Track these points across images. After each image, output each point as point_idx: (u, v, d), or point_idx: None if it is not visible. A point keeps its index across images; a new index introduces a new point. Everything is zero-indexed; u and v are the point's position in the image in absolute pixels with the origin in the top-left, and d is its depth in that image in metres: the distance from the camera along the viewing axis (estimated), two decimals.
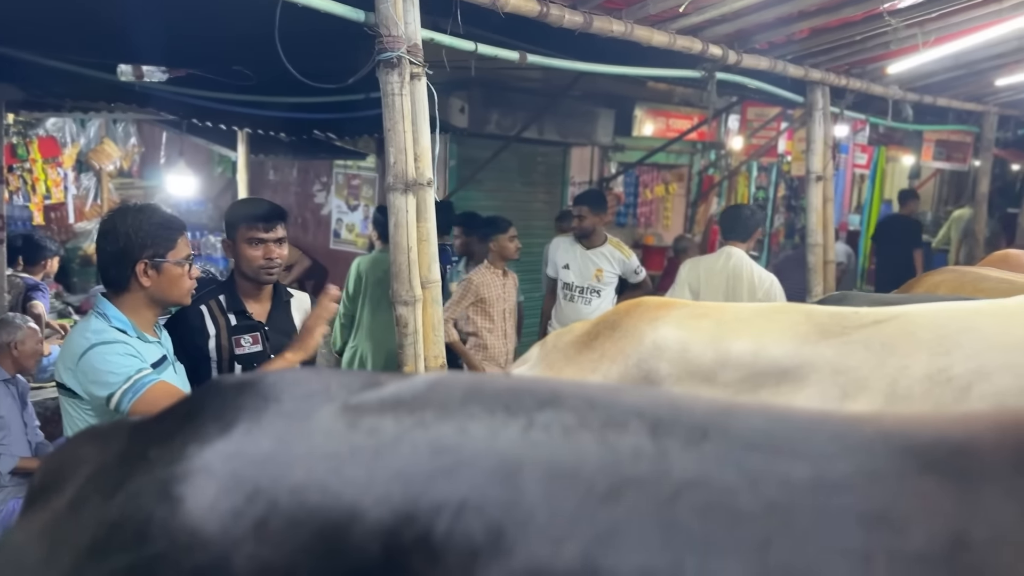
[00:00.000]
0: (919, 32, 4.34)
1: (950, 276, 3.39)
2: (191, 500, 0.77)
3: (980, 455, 0.65)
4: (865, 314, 1.91)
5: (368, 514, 0.71)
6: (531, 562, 0.64)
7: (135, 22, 3.52)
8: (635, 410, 0.77)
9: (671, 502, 0.65)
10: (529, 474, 0.70)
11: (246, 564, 0.72)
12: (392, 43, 2.55)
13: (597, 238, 5.04)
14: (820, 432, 0.72)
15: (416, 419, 0.79)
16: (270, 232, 2.75)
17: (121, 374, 2.23)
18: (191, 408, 0.95)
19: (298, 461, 0.78)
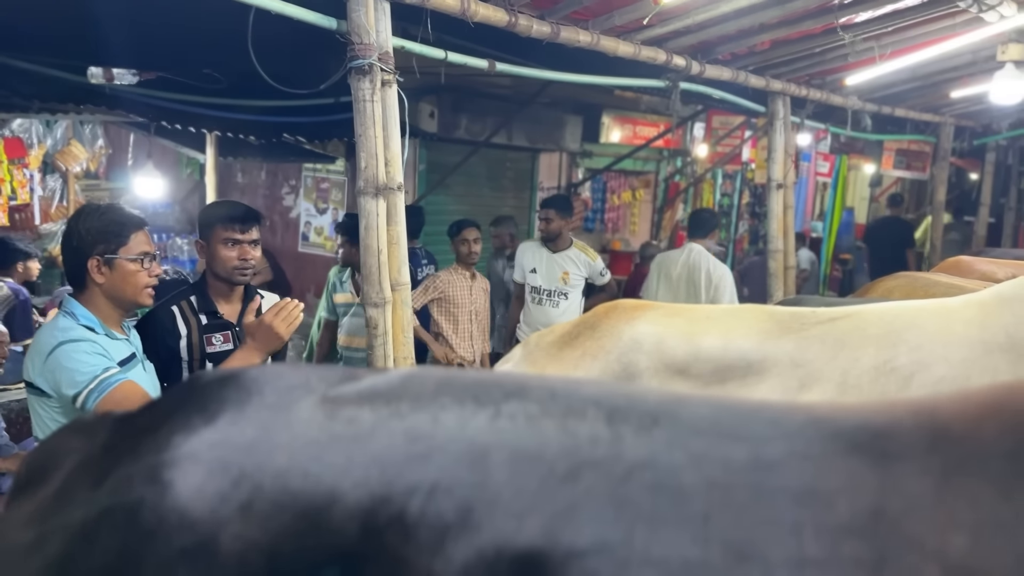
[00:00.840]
0: (875, 45, 4.49)
1: (903, 281, 3.52)
2: (180, 484, 0.82)
3: (898, 438, 0.73)
4: (821, 313, 2.11)
5: (347, 496, 0.77)
6: (497, 536, 0.70)
7: (105, 25, 3.53)
8: (593, 400, 0.84)
9: (624, 481, 0.72)
10: (496, 458, 0.76)
11: (232, 543, 0.77)
12: (364, 51, 2.61)
13: (563, 242, 5.13)
14: (758, 419, 0.80)
15: (392, 409, 0.85)
16: (246, 233, 2.77)
17: (88, 373, 2.24)
18: (175, 401, 1.00)
19: (281, 448, 0.83)
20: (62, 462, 1.06)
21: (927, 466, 0.69)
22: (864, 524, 0.65)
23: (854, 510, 0.66)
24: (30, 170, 6.14)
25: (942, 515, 0.65)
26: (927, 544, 0.63)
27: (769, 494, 0.69)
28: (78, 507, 0.93)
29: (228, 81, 4.27)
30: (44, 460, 1.11)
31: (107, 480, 0.93)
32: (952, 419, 0.72)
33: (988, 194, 9.43)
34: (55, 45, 3.89)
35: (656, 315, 2.22)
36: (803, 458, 0.72)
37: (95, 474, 0.97)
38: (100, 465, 0.98)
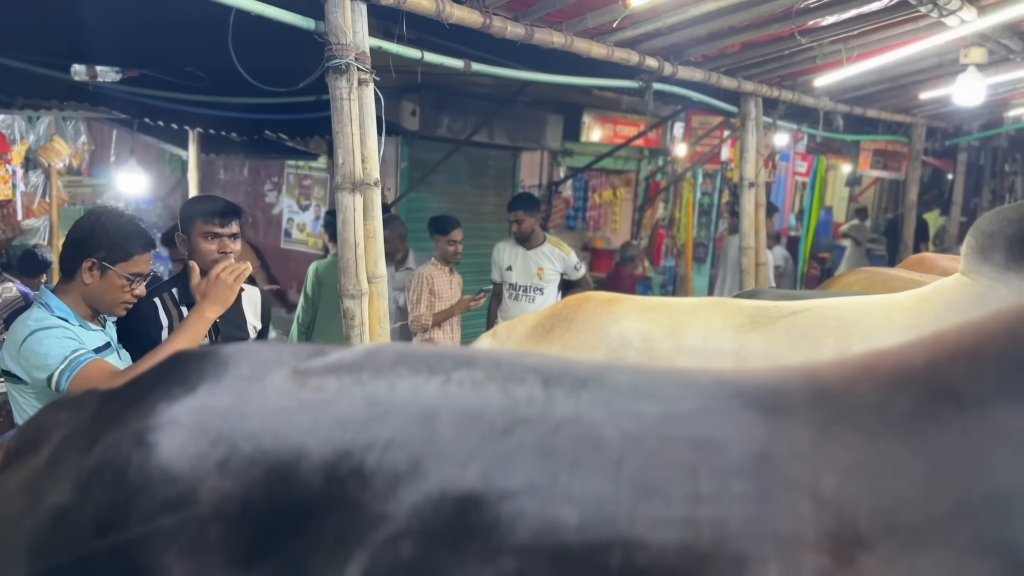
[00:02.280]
0: (843, 48, 4.63)
1: (864, 276, 3.65)
2: (163, 445, 0.92)
3: (787, 395, 0.84)
4: (783, 306, 2.30)
5: (312, 453, 0.87)
6: (442, 482, 0.81)
7: (89, 22, 3.60)
8: (532, 368, 0.94)
9: (552, 434, 0.83)
10: (443, 417, 0.87)
11: (210, 495, 0.87)
12: (341, 51, 2.70)
13: (536, 239, 5.24)
14: (671, 382, 0.91)
15: (354, 378, 0.95)
16: (225, 227, 2.85)
17: (58, 355, 2.31)
18: (158, 375, 1.09)
19: (254, 413, 0.93)
20: (51, 434, 1.15)
21: (808, 418, 0.80)
22: (751, 466, 0.76)
23: (743, 455, 0.77)
24: (12, 166, 6.18)
25: (818, 458, 0.75)
26: (804, 482, 0.74)
27: (673, 442, 0.80)
28: (69, 471, 1.02)
29: (210, 79, 4.34)
30: (33, 433, 1.20)
31: (95, 447, 1.01)
32: (832, 379, 0.84)
33: (960, 193, 9.63)
34: (39, 43, 3.95)
35: (636, 309, 2.34)
36: (705, 412, 0.83)
37: (84, 443, 1.05)
38: (88, 434, 1.06)
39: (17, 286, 5.42)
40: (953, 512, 0.68)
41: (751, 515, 0.72)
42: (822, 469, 0.75)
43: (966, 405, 0.74)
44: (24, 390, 2.41)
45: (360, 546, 0.79)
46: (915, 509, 0.69)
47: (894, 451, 0.74)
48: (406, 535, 0.78)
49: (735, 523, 0.72)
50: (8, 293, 5.40)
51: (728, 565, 0.69)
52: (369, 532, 0.80)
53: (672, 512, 0.73)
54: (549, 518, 0.75)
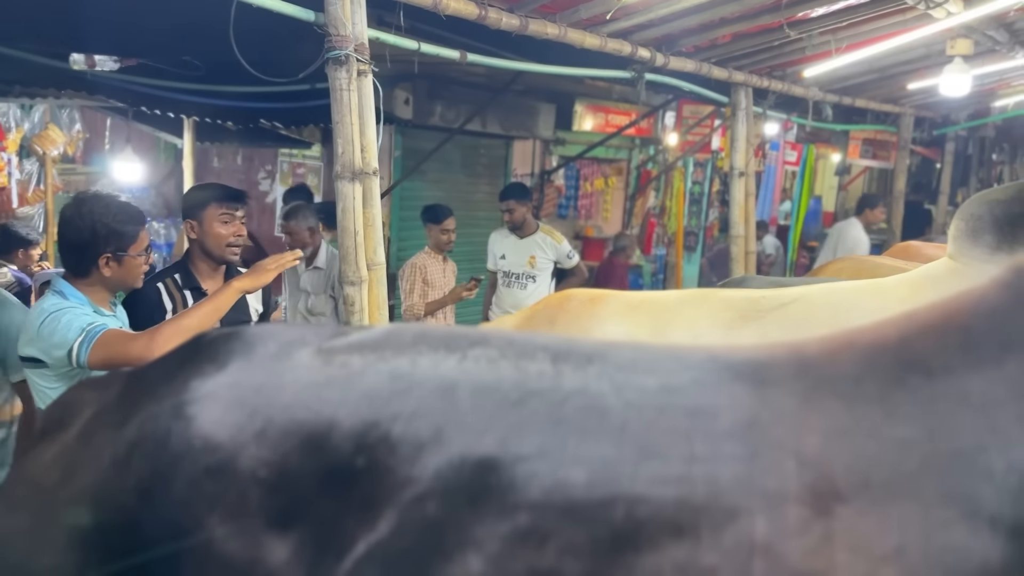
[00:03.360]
0: (832, 39, 4.70)
1: (851, 264, 3.74)
2: (202, 417, 0.99)
3: (774, 368, 0.92)
4: (772, 298, 2.26)
5: (343, 424, 0.94)
6: (462, 448, 0.89)
7: (87, 11, 3.64)
8: (542, 346, 1.02)
9: (561, 405, 0.91)
10: (462, 390, 0.95)
11: (249, 462, 0.95)
12: (340, 42, 2.75)
13: (529, 227, 5.31)
14: (668, 358, 0.99)
15: (377, 355, 1.03)
16: (239, 211, 2.96)
17: (76, 328, 2.37)
18: (184, 355, 1.16)
19: (287, 387, 1.01)
20: (80, 412, 1.23)
21: (793, 388, 0.88)
22: (741, 430, 0.84)
23: (734, 420, 0.85)
24: (7, 154, 6.20)
25: (801, 423, 0.84)
26: (788, 444, 0.82)
27: (671, 410, 0.88)
28: (104, 445, 1.10)
29: (206, 68, 4.38)
30: (61, 412, 1.29)
31: (129, 421, 1.09)
32: (815, 354, 0.92)
33: (947, 183, 9.73)
34: (38, 32, 3.98)
35: (620, 308, 2.31)
36: (699, 384, 0.91)
37: (116, 418, 1.14)
38: (119, 411, 1.15)
39: (12, 271, 5.44)
40: (921, 468, 0.76)
41: (741, 473, 0.80)
42: (804, 432, 0.82)
43: (934, 375, 0.82)
44: (45, 373, 2.47)
45: (389, 506, 0.87)
46: (887, 466, 0.77)
47: (869, 416, 0.82)
48: (430, 495, 0.86)
49: (727, 480, 0.80)
50: (3, 279, 5.43)
51: (721, 516, 0.77)
52: (396, 494, 0.87)
53: (670, 471, 0.81)
54: (560, 478, 0.83)
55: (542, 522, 0.81)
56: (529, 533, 0.81)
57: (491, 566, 0.81)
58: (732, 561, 0.76)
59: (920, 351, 0.86)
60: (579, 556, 0.79)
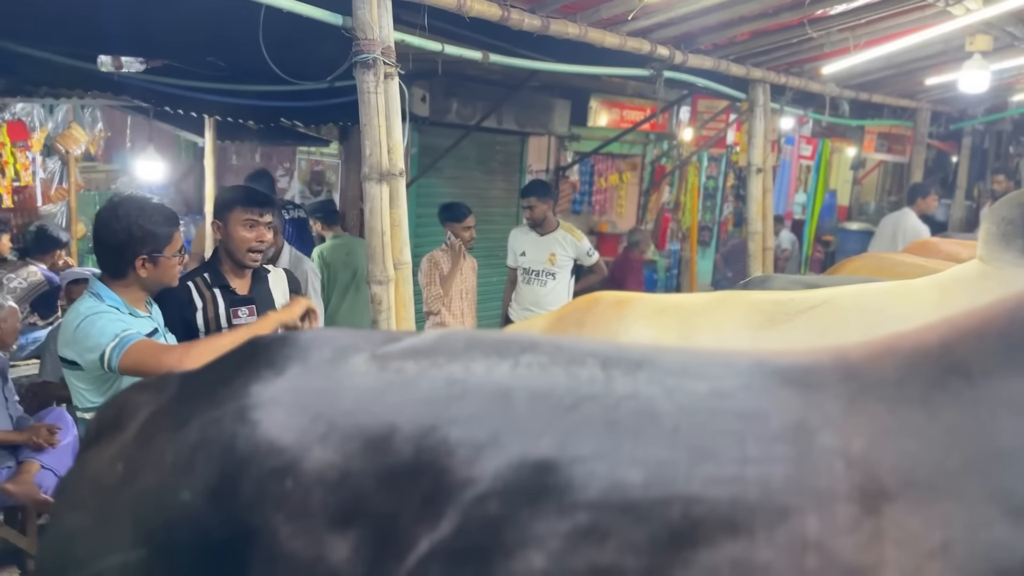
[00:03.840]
0: (850, 36, 4.71)
1: (870, 261, 3.75)
2: (267, 421, 1.04)
3: (819, 374, 0.96)
4: (800, 300, 2.27)
5: (403, 427, 0.98)
6: (521, 450, 0.93)
7: (115, 15, 3.70)
8: (591, 352, 1.06)
9: (615, 408, 0.95)
10: (517, 395, 0.99)
11: (313, 464, 0.99)
12: (368, 46, 2.80)
13: (549, 225, 5.34)
14: (716, 362, 1.03)
15: (431, 361, 1.07)
16: (263, 216, 2.98)
17: (109, 333, 2.42)
18: (238, 359, 1.20)
19: (346, 393, 1.05)
20: (135, 413, 1.27)
21: (838, 392, 0.91)
22: (790, 433, 0.88)
23: (783, 423, 0.89)
24: (32, 153, 6.29)
25: (848, 426, 0.87)
26: (836, 446, 0.86)
27: (722, 414, 0.91)
28: (164, 446, 1.14)
29: (230, 68, 4.44)
30: (114, 413, 1.33)
31: (189, 423, 1.13)
32: (858, 359, 0.95)
33: (964, 177, 9.70)
34: (68, 35, 4.05)
35: (646, 312, 2.32)
36: (748, 388, 0.95)
37: (173, 421, 1.18)
38: (176, 412, 1.19)
39: (42, 271, 5.55)
40: (963, 467, 0.80)
41: (792, 473, 0.84)
42: (851, 434, 0.86)
43: (974, 378, 0.86)
44: (80, 375, 2.53)
45: (450, 505, 0.91)
46: (931, 466, 0.81)
47: (913, 418, 0.85)
48: (491, 495, 0.90)
49: (778, 480, 0.83)
50: (33, 277, 5.53)
51: (774, 515, 0.81)
52: (458, 494, 0.91)
53: (724, 471, 0.85)
54: (617, 478, 0.87)
55: (602, 520, 0.85)
56: (590, 531, 0.85)
57: (553, 562, 0.85)
58: (785, 557, 0.79)
59: (960, 355, 0.89)
60: (639, 553, 0.83)
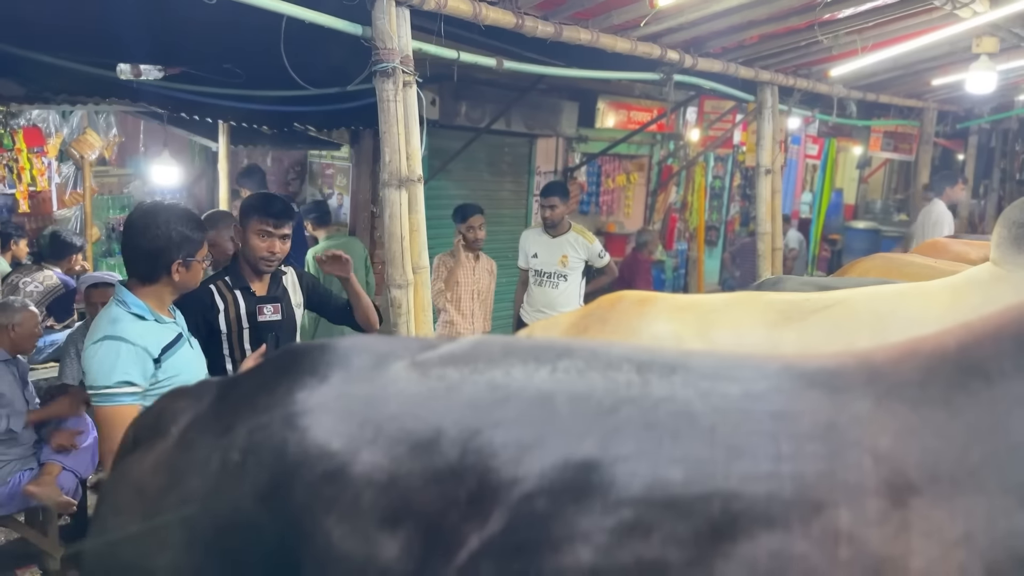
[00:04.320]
0: (858, 39, 4.76)
1: (880, 263, 3.80)
2: (316, 427, 1.08)
3: (846, 376, 1.01)
4: (815, 300, 2.33)
5: (449, 430, 1.02)
6: (565, 450, 0.97)
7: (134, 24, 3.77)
8: (625, 356, 1.10)
9: (653, 410, 0.99)
10: (558, 398, 1.03)
11: (362, 468, 1.03)
12: (388, 55, 2.86)
13: (562, 227, 5.39)
14: (747, 366, 1.07)
15: (471, 368, 1.11)
16: (278, 228, 3.03)
17: (108, 378, 2.46)
18: (279, 366, 1.23)
19: (391, 399, 1.09)
20: (174, 419, 1.30)
21: (864, 393, 0.97)
22: (821, 432, 0.93)
23: (814, 423, 0.94)
24: (48, 158, 6.37)
25: (874, 424, 0.92)
26: (864, 443, 0.91)
27: (756, 415, 0.96)
28: (209, 452, 1.17)
29: (247, 75, 4.51)
30: (155, 419, 1.36)
31: (234, 429, 1.16)
32: (882, 362, 1.01)
33: (971, 176, 9.73)
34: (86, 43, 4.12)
35: (667, 309, 2.39)
36: (779, 391, 0.99)
37: (216, 426, 1.21)
38: (218, 419, 1.22)
39: (57, 274, 5.63)
40: (982, 462, 0.86)
41: (824, 470, 0.89)
42: (878, 433, 0.92)
43: (991, 378, 0.92)
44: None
45: (498, 504, 0.95)
46: (952, 461, 0.87)
47: (934, 417, 0.91)
48: (538, 494, 0.94)
49: (811, 476, 0.89)
50: (49, 281, 5.61)
51: (808, 509, 0.87)
52: (505, 493, 0.96)
53: (760, 468, 0.90)
54: (659, 476, 0.92)
55: (646, 516, 0.90)
56: (634, 526, 0.90)
57: (601, 556, 0.90)
58: (820, 548, 0.84)
59: (978, 358, 0.95)
60: (682, 546, 0.88)
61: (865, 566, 0.84)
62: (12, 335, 4.31)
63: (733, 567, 0.86)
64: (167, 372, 2.54)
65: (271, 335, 3.02)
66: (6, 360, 4.29)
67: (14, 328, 4.31)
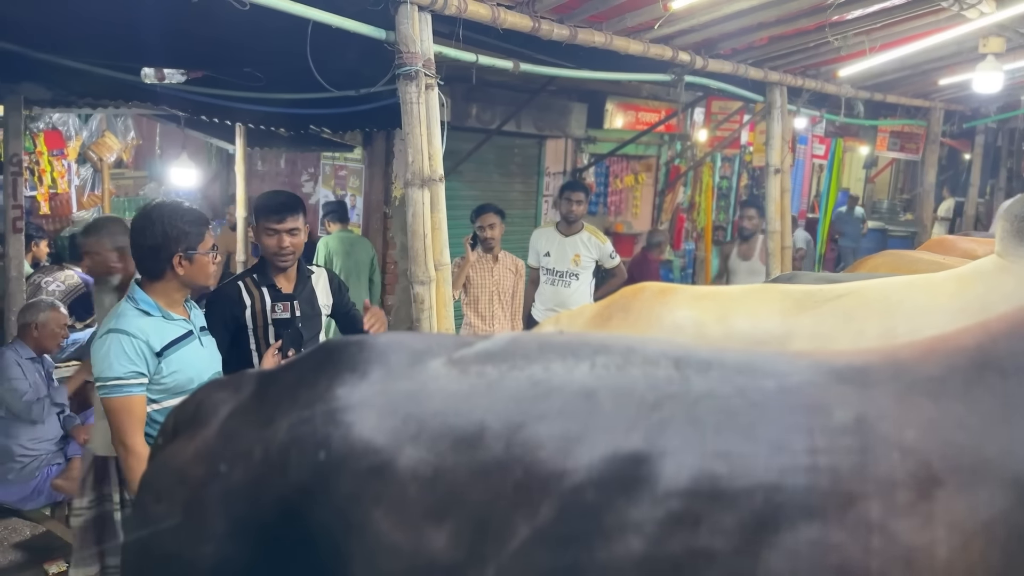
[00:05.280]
0: (866, 39, 4.83)
1: (889, 259, 3.88)
2: (360, 423, 1.11)
3: (872, 372, 1.07)
4: (828, 290, 2.43)
5: (492, 425, 1.06)
6: (612, 444, 1.01)
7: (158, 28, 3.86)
8: (662, 352, 1.15)
9: (694, 406, 1.04)
10: (601, 394, 1.07)
11: (407, 462, 1.07)
12: (411, 59, 2.95)
13: (576, 225, 5.44)
14: (780, 362, 1.13)
15: (509, 364, 1.14)
16: (282, 224, 3.09)
17: (114, 370, 2.53)
18: (317, 362, 1.27)
19: (434, 395, 1.12)
20: (214, 410, 1.33)
21: (891, 389, 1.03)
22: (852, 426, 0.98)
23: (845, 417, 0.99)
24: (68, 161, 6.48)
25: (900, 418, 0.99)
26: (891, 437, 0.97)
27: (791, 409, 1.02)
28: (250, 443, 1.21)
29: (266, 78, 4.60)
30: (194, 409, 1.39)
31: (275, 422, 1.19)
32: (906, 358, 1.08)
33: (977, 175, 9.78)
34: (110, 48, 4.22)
35: (687, 298, 2.50)
36: (812, 385, 1.05)
37: (256, 418, 1.25)
38: (259, 411, 1.26)
39: (78, 274, 5.73)
40: (1000, 453, 0.93)
41: (857, 463, 0.95)
42: (904, 426, 0.98)
43: (1007, 374, 0.99)
44: None
45: (547, 494, 0.99)
46: (972, 453, 0.94)
47: (955, 410, 0.98)
48: (588, 485, 0.99)
49: (845, 469, 0.95)
50: (71, 280, 5.72)
51: (843, 500, 0.92)
52: (554, 484, 1.00)
53: (798, 461, 0.96)
54: (704, 469, 0.97)
55: (693, 507, 0.95)
56: (683, 517, 0.95)
57: (651, 545, 0.95)
58: (855, 538, 0.90)
59: (994, 355, 1.02)
60: (729, 535, 0.93)
61: (896, 555, 0.89)
62: (36, 333, 4.40)
63: (777, 556, 0.92)
64: (169, 367, 2.61)
65: (286, 332, 3.09)
66: (32, 358, 4.38)
67: (37, 326, 4.40)
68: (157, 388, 2.60)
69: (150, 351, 2.58)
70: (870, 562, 0.89)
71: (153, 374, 2.59)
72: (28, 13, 3.72)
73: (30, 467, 4.20)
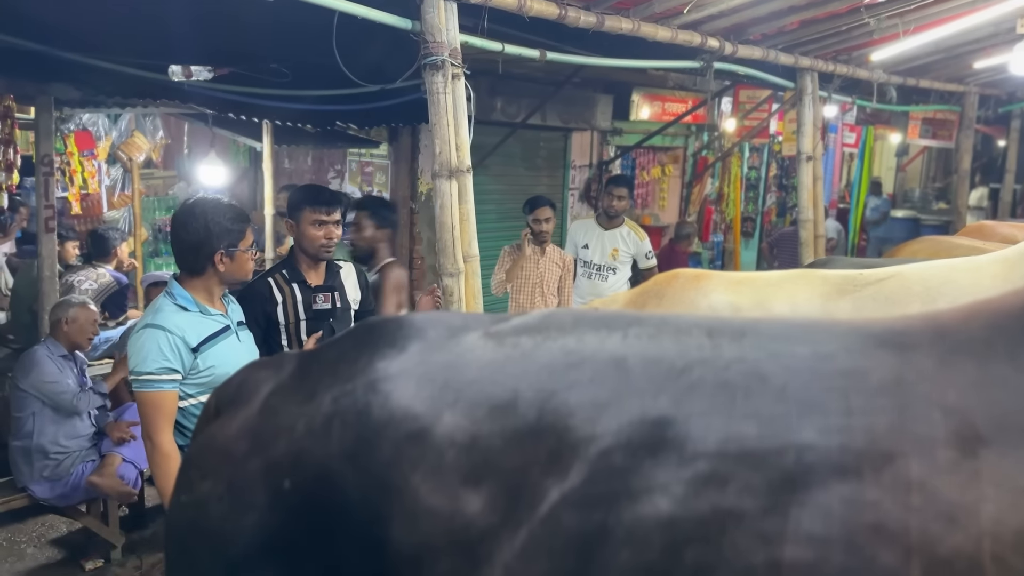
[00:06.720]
0: (900, 22, 4.73)
1: (928, 244, 3.80)
2: (399, 392, 1.15)
3: (912, 336, 1.04)
4: (868, 275, 2.41)
5: (526, 392, 1.08)
6: (640, 408, 1.02)
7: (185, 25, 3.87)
8: (694, 323, 1.16)
9: (725, 370, 1.04)
10: (631, 361, 1.08)
11: (445, 428, 1.10)
12: (437, 48, 2.92)
13: (618, 220, 5.41)
14: (815, 329, 1.12)
15: (544, 336, 1.17)
16: (331, 215, 3.12)
17: (147, 364, 2.55)
18: (357, 339, 1.31)
19: (470, 365, 1.15)
20: (256, 389, 1.37)
21: (931, 351, 1.00)
22: (890, 387, 0.97)
23: (883, 379, 0.98)
24: (98, 161, 6.55)
25: (942, 380, 0.96)
26: (932, 398, 0.94)
27: (826, 373, 1.00)
28: (293, 417, 1.24)
29: (292, 75, 4.60)
30: (235, 390, 1.43)
31: (317, 396, 1.23)
32: (948, 321, 1.04)
33: (1014, 161, 9.58)
34: (138, 47, 4.24)
35: (723, 283, 2.48)
36: (847, 351, 1.03)
37: (299, 394, 1.27)
38: (301, 388, 1.29)
39: (110, 272, 5.79)
40: None
41: (894, 422, 0.93)
42: (945, 387, 0.95)
43: None
44: None
45: (576, 458, 1.01)
46: (1019, 412, 0.90)
47: (1000, 371, 0.95)
48: (615, 449, 1.00)
49: (882, 428, 0.92)
50: (103, 279, 5.77)
51: (879, 459, 0.91)
52: (583, 448, 1.01)
53: (831, 422, 0.94)
54: (733, 430, 0.97)
55: (721, 468, 0.95)
56: (710, 478, 0.95)
57: (678, 505, 0.95)
58: (892, 495, 0.88)
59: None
60: (757, 495, 0.92)
61: (938, 512, 0.87)
62: (66, 329, 4.43)
63: (808, 514, 0.90)
64: (206, 362, 2.63)
65: (326, 323, 3.10)
66: (64, 355, 4.42)
67: (67, 322, 4.43)
68: (194, 383, 2.62)
69: (186, 347, 2.60)
70: (909, 519, 0.88)
71: (189, 370, 2.61)
72: (56, 14, 3.75)
73: (64, 464, 4.24)
